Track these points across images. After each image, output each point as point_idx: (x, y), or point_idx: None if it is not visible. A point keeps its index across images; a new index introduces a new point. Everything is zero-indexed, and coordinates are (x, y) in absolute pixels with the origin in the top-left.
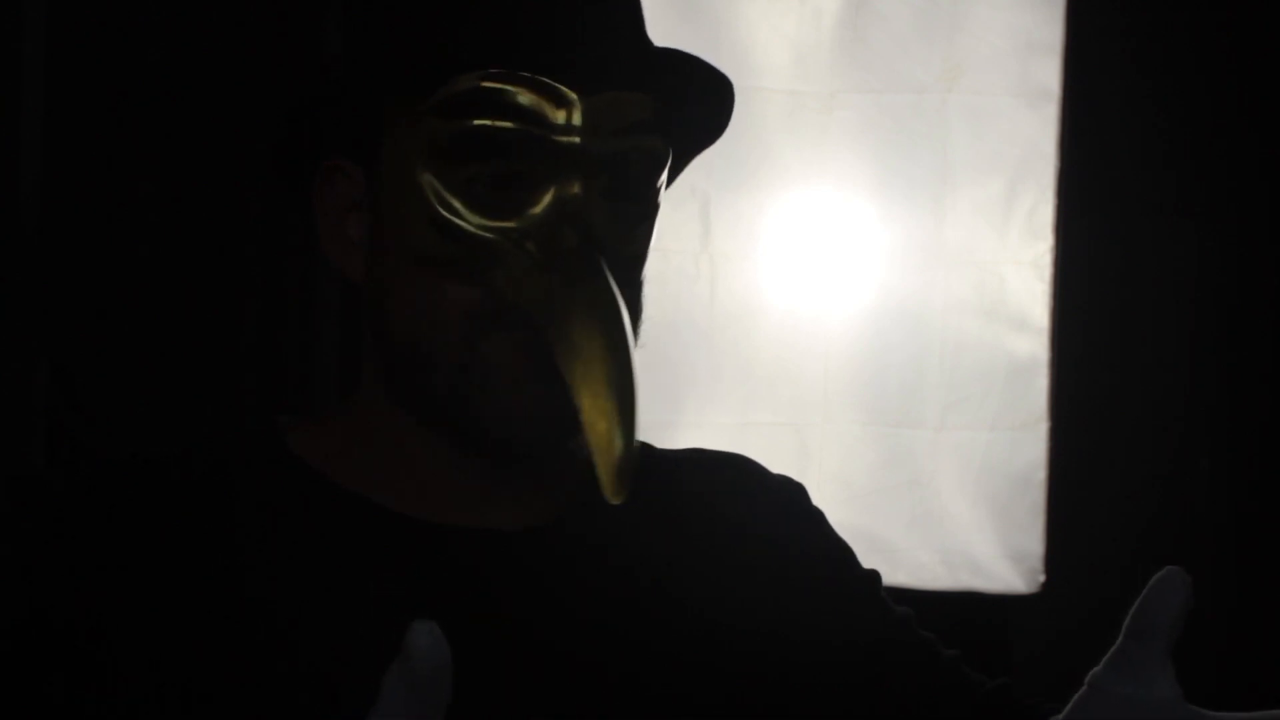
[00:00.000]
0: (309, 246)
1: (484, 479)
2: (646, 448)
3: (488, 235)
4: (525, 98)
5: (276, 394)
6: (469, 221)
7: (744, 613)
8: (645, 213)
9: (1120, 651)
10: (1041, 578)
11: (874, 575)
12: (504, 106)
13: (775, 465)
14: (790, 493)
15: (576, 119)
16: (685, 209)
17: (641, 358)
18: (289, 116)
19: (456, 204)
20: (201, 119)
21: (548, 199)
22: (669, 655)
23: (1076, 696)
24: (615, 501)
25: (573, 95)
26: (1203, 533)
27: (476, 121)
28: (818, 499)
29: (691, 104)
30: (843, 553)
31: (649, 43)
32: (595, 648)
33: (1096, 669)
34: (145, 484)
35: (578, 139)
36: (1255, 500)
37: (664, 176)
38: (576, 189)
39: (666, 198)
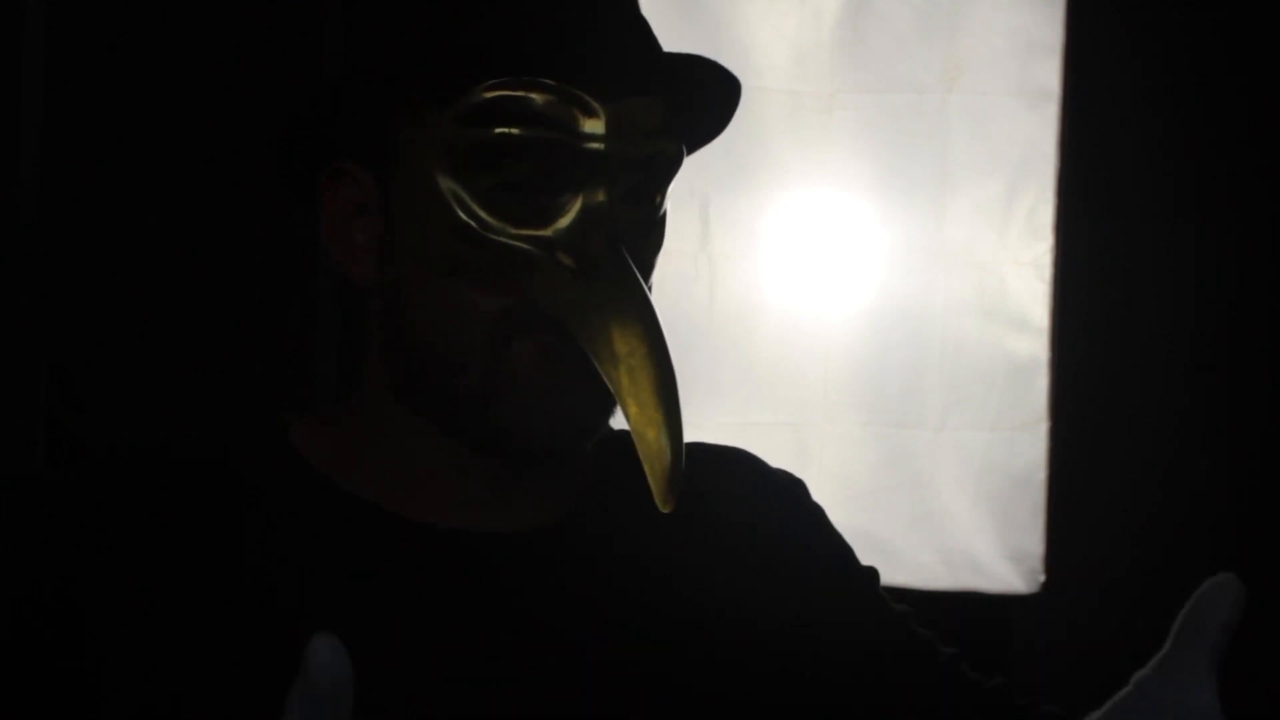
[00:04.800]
0: (309, 246)
1: (490, 482)
2: None
3: (518, 244)
4: (551, 105)
5: (277, 393)
6: (496, 231)
7: (746, 606)
8: (658, 217)
9: (1166, 655)
10: (1041, 578)
11: (872, 572)
12: (530, 114)
13: (775, 465)
14: (790, 487)
15: (601, 126)
16: (685, 209)
17: None
18: (293, 119)
19: (481, 212)
20: (202, 118)
21: (576, 207)
22: (674, 649)
23: (1119, 694)
24: (665, 509)
25: (597, 102)
26: (1203, 533)
27: (501, 130)
28: (818, 499)
29: (702, 106)
30: (841, 549)
31: (659, 45)
32: (609, 645)
33: (1143, 670)
34: (147, 484)
35: (602, 145)
36: (1255, 500)
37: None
38: (602, 196)
39: (668, 200)
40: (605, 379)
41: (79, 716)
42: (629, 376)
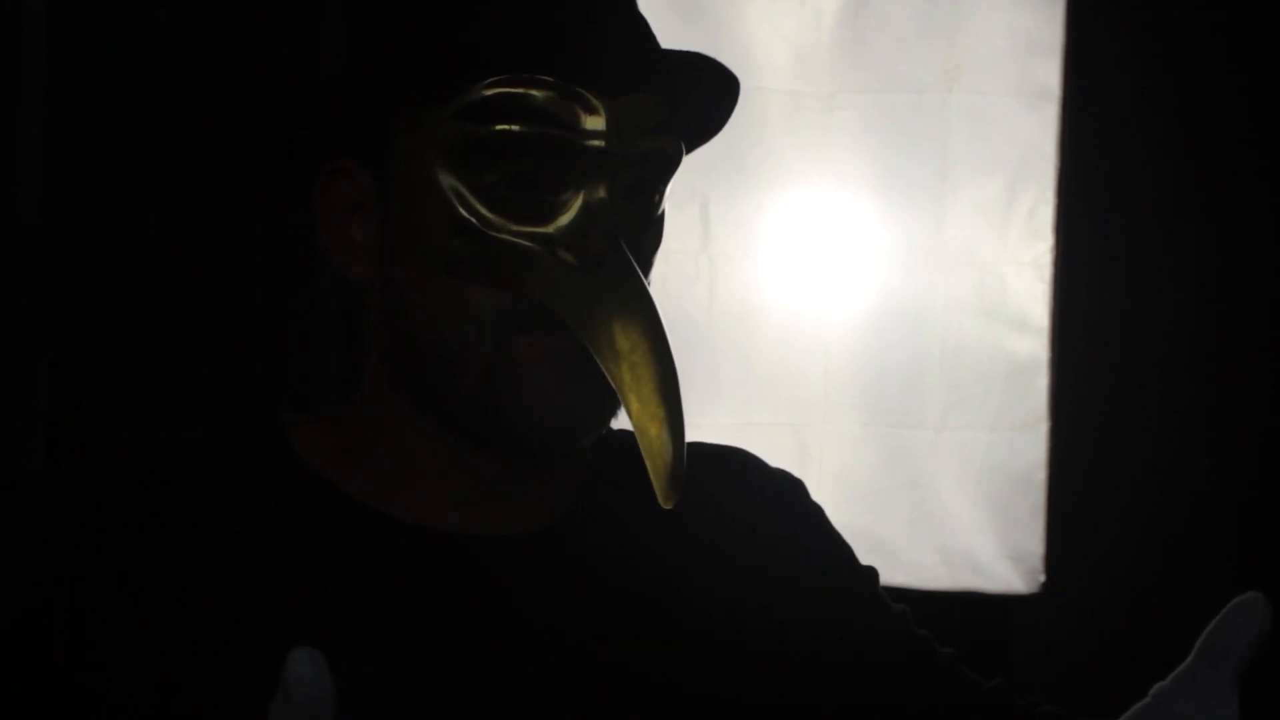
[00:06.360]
0: (309, 246)
1: (491, 482)
2: None
3: (518, 241)
4: (552, 101)
5: (277, 392)
6: (497, 228)
7: (745, 606)
8: (657, 215)
9: (1188, 670)
10: (1041, 578)
11: (872, 573)
12: (531, 110)
13: (775, 465)
14: (789, 487)
15: (601, 123)
16: (685, 209)
17: None
18: (293, 118)
19: (482, 209)
20: (202, 118)
21: (577, 204)
22: (673, 650)
23: (1136, 706)
24: (667, 506)
25: (597, 99)
26: (1203, 533)
27: (500, 126)
28: (818, 499)
29: (701, 104)
30: (840, 549)
31: (657, 43)
32: (609, 646)
33: (1163, 683)
34: (147, 484)
35: (602, 143)
36: (1255, 500)
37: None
38: (602, 192)
39: (667, 198)
40: (607, 375)
41: (78, 716)
42: (631, 373)
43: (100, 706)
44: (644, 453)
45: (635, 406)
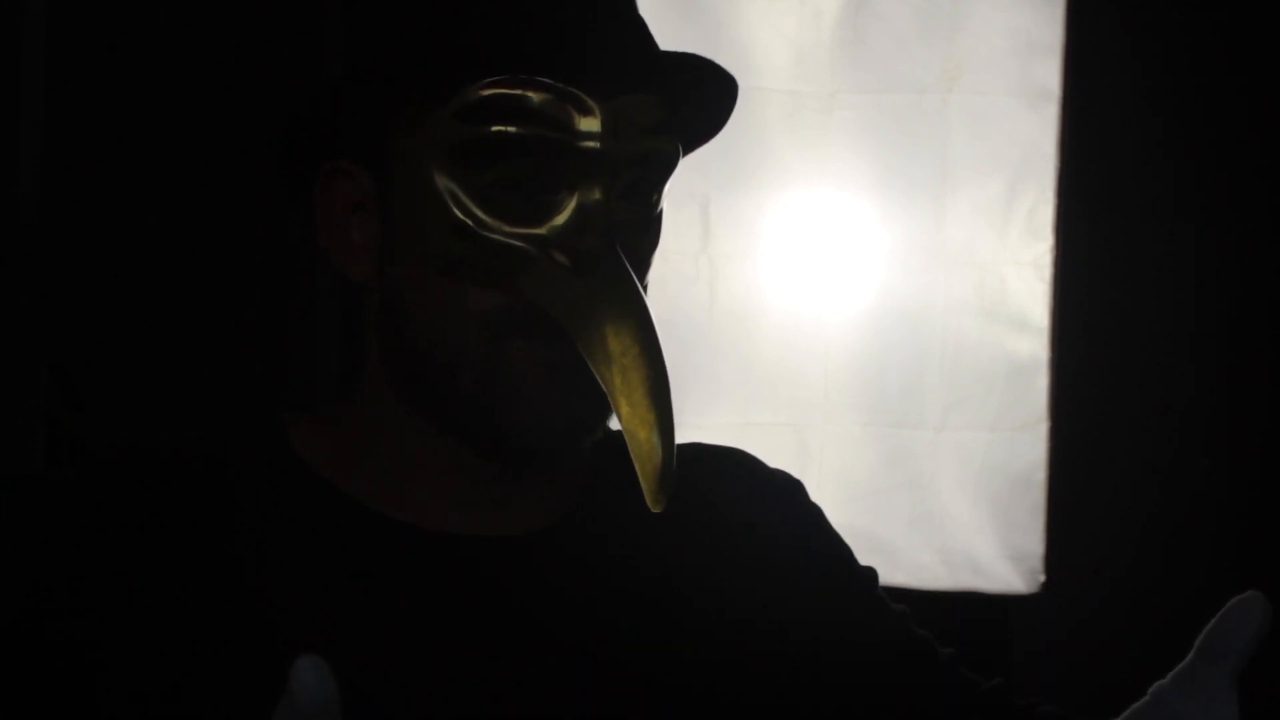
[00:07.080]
0: (309, 246)
1: (489, 482)
2: None
3: (514, 242)
4: (547, 103)
5: (277, 393)
6: (492, 229)
7: (744, 607)
8: (655, 215)
9: (1188, 669)
10: (1041, 578)
11: (871, 573)
12: (527, 112)
13: (775, 465)
14: (788, 488)
15: (597, 124)
16: (685, 210)
17: None
18: (293, 119)
19: (477, 210)
20: (202, 117)
21: (571, 205)
22: (673, 650)
23: (1136, 704)
24: (657, 510)
25: (593, 100)
26: (1203, 533)
27: (497, 127)
28: (818, 499)
29: (699, 105)
30: (840, 549)
31: (656, 44)
32: (609, 646)
33: (1162, 682)
34: (147, 484)
35: (598, 144)
36: (1255, 500)
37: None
38: (598, 194)
39: (666, 198)
40: (598, 378)
41: (78, 716)
42: (621, 376)
43: (100, 707)
44: (633, 456)
45: (625, 410)
